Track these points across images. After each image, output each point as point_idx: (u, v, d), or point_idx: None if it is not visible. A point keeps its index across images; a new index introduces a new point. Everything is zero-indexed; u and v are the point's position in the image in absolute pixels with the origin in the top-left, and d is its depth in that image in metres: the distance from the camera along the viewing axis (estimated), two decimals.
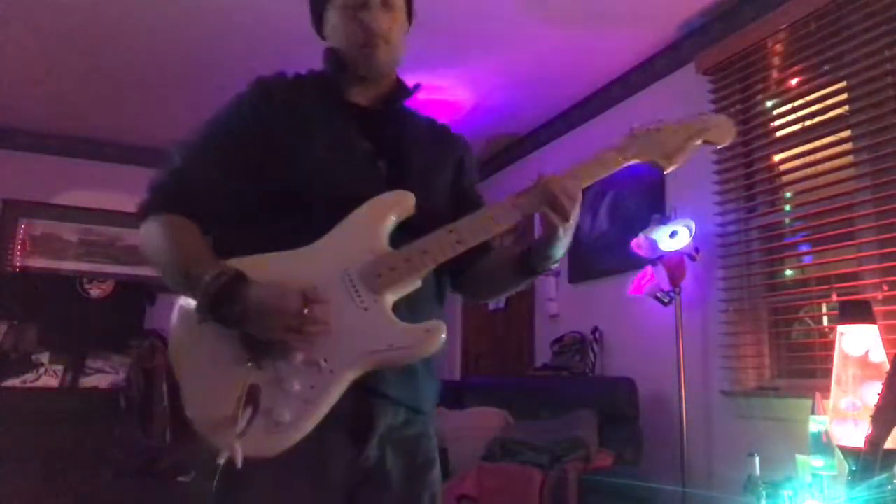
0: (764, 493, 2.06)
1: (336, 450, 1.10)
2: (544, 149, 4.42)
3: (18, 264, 4.56)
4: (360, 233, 1.12)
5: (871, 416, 1.62)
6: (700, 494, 2.76)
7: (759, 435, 2.60)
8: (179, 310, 1.11)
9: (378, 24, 1.19)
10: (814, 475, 2.04)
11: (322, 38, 1.29)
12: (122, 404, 3.94)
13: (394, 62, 1.26)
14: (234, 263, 1.06)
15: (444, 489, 1.29)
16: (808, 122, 2.66)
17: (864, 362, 1.99)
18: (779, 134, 2.81)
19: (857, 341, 2.01)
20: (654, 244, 2.94)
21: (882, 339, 2.02)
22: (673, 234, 2.90)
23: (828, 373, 2.13)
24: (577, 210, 1.14)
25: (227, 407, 0.99)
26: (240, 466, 0.97)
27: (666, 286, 2.97)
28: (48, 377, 3.94)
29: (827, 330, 2.57)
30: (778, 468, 2.25)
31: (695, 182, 2.98)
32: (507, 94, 3.82)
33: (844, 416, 1.97)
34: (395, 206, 1.14)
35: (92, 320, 4.28)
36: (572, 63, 3.52)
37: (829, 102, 2.58)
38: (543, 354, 4.03)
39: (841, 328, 2.06)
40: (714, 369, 2.93)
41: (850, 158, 2.50)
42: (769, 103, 2.85)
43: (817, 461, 2.05)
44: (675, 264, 2.91)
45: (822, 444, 2.05)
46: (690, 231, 2.88)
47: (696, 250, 2.91)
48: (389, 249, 1.11)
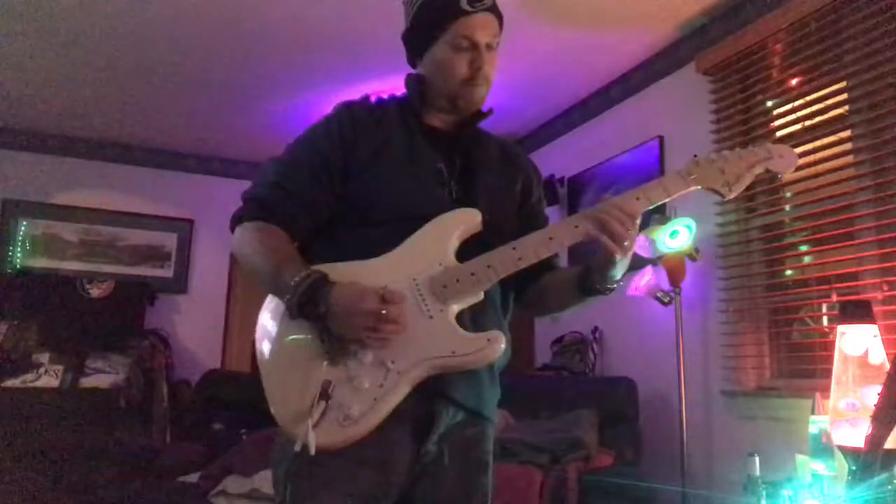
0: (764, 493, 2.06)
1: (399, 445, 1.18)
2: (544, 149, 4.42)
3: (18, 264, 4.56)
4: (430, 246, 1.21)
5: (872, 416, 1.62)
6: (700, 494, 2.76)
7: (759, 435, 2.61)
8: (266, 311, 1.22)
9: (485, 66, 1.29)
10: (814, 475, 2.04)
11: (412, 65, 1.37)
12: (122, 404, 3.94)
13: (486, 97, 1.35)
14: (317, 267, 1.16)
15: None
16: (808, 123, 2.66)
17: (863, 362, 1.99)
18: (779, 134, 2.80)
19: (856, 341, 2.01)
20: (653, 244, 2.94)
21: (882, 339, 2.02)
22: (673, 234, 2.90)
23: (828, 373, 2.13)
24: (635, 234, 1.19)
25: (303, 400, 1.09)
26: (312, 453, 1.06)
27: (666, 286, 2.97)
28: (48, 377, 3.94)
29: (827, 330, 2.57)
30: (778, 468, 2.25)
31: None
32: (507, 94, 3.83)
33: (844, 417, 1.97)
34: (462, 222, 1.23)
35: (92, 320, 4.28)
36: (572, 63, 3.52)
37: (829, 102, 2.58)
38: (543, 354, 4.03)
39: (841, 328, 2.06)
40: (714, 369, 2.93)
41: (850, 158, 2.50)
42: (769, 103, 2.85)
43: (817, 461, 2.05)
44: (675, 264, 2.91)
45: (821, 445, 2.05)
46: (690, 231, 2.88)
47: (696, 250, 2.91)
48: (456, 262, 1.19)
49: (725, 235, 2.93)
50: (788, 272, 2.81)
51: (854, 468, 1.70)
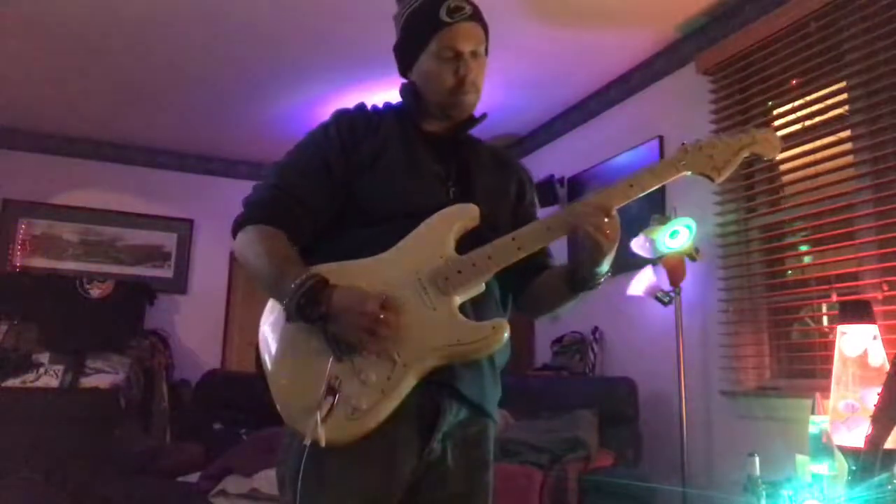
0: (764, 493, 2.06)
1: (404, 442, 1.20)
2: (544, 149, 4.42)
3: (18, 264, 4.56)
4: (430, 240, 1.23)
5: (871, 416, 1.62)
6: (700, 494, 2.76)
7: (759, 435, 2.60)
8: (270, 311, 1.24)
9: (470, 74, 1.31)
10: (813, 475, 2.04)
11: (403, 76, 1.40)
12: (122, 404, 3.94)
13: (477, 103, 1.38)
14: (319, 269, 1.18)
15: None
16: (808, 123, 2.66)
17: (863, 362, 1.99)
18: (779, 134, 2.80)
19: (856, 341, 2.01)
20: (653, 244, 2.94)
21: (882, 339, 2.02)
22: (673, 234, 2.90)
23: (828, 373, 2.13)
24: (611, 231, 1.19)
25: (311, 396, 1.10)
26: (323, 445, 1.07)
27: (666, 286, 2.97)
28: (48, 377, 3.94)
29: (827, 330, 2.57)
30: (778, 468, 2.25)
31: (695, 182, 2.96)
32: (507, 94, 3.83)
33: (844, 417, 1.96)
34: (461, 217, 1.25)
35: (92, 320, 4.28)
36: (572, 63, 3.52)
37: (829, 102, 2.58)
38: (543, 354, 4.03)
39: (841, 328, 2.06)
40: (714, 369, 2.93)
41: (850, 158, 2.50)
42: (769, 103, 2.85)
43: (817, 461, 2.05)
44: (675, 264, 2.91)
45: (821, 445, 2.05)
46: (690, 231, 2.88)
47: (696, 250, 2.91)
48: (456, 255, 1.21)
49: (725, 235, 2.93)
50: (788, 272, 2.81)
51: (854, 468, 1.70)
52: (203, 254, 4.96)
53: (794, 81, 2.74)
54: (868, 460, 1.61)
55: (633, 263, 3.15)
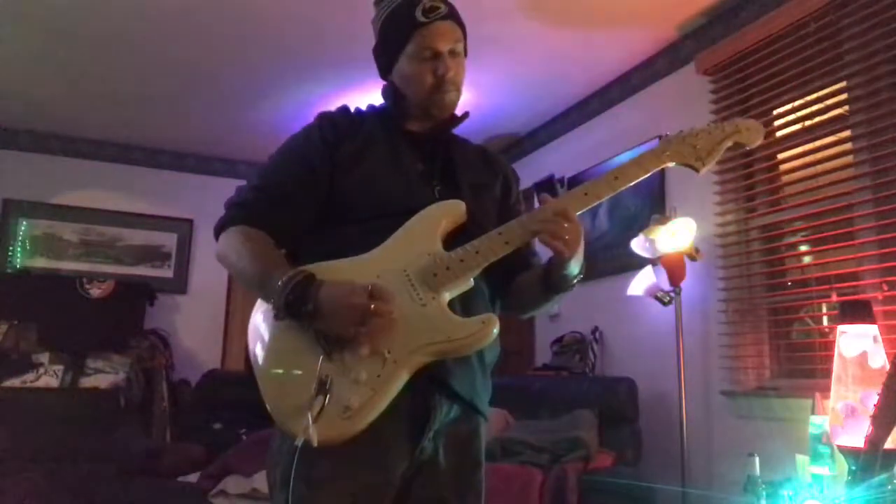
0: (764, 493, 2.06)
1: (395, 443, 1.19)
2: (544, 149, 4.42)
3: (18, 264, 4.56)
4: (417, 237, 1.23)
5: (871, 416, 1.62)
6: (700, 494, 2.76)
7: (759, 435, 2.60)
8: (258, 311, 1.23)
9: (449, 73, 1.31)
10: (813, 475, 2.04)
11: (384, 78, 1.41)
12: (122, 404, 3.94)
13: (458, 101, 1.38)
14: (306, 268, 1.17)
15: None
16: (808, 123, 2.66)
17: (863, 363, 1.99)
18: (779, 134, 2.81)
19: (856, 341, 2.01)
20: (653, 244, 2.94)
21: (882, 339, 2.02)
22: (673, 234, 2.90)
23: (828, 373, 2.13)
24: (571, 237, 1.18)
25: (301, 397, 1.09)
26: (315, 445, 1.06)
27: (666, 286, 2.97)
28: (48, 377, 3.94)
29: (827, 330, 2.57)
30: (778, 468, 2.25)
31: (695, 182, 2.97)
32: (507, 94, 3.83)
33: (842, 418, 1.96)
34: (448, 213, 1.26)
35: (92, 320, 4.28)
36: (572, 63, 3.52)
37: (829, 102, 2.58)
38: (543, 354, 4.03)
39: (841, 328, 2.06)
40: (714, 369, 2.93)
41: (850, 158, 2.50)
42: (769, 103, 2.85)
43: (817, 461, 2.05)
44: (675, 264, 2.91)
45: (821, 445, 2.05)
46: (690, 231, 2.88)
47: (696, 250, 2.91)
48: (444, 251, 1.21)
49: (725, 235, 2.93)
50: (788, 272, 2.81)
51: (854, 468, 1.70)
52: (203, 254, 4.95)
53: (793, 81, 2.73)
54: (868, 460, 1.61)
55: (633, 263, 3.15)
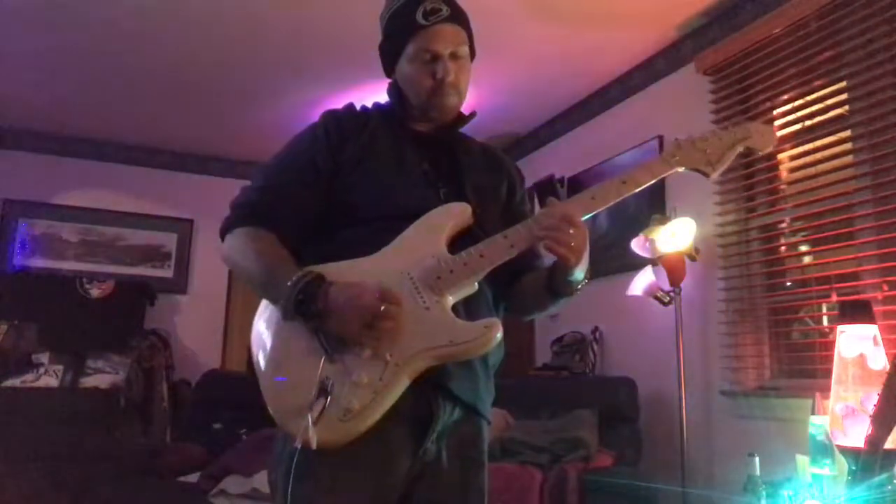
0: (764, 493, 2.06)
1: (398, 446, 1.18)
2: (544, 149, 4.42)
3: (18, 264, 4.56)
4: (422, 240, 1.22)
5: (871, 416, 1.62)
6: (700, 494, 2.76)
7: (759, 435, 2.60)
8: (261, 314, 1.22)
9: (450, 76, 1.29)
10: (814, 475, 2.04)
11: (388, 76, 1.39)
12: (122, 404, 3.94)
13: (461, 105, 1.37)
14: (312, 269, 1.17)
15: None
16: (808, 123, 2.66)
17: (863, 363, 1.98)
18: (779, 134, 2.80)
19: (856, 341, 2.01)
20: (653, 244, 2.94)
21: (882, 340, 2.02)
22: (673, 234, 2.90)
23: (828, 373, 2.13)
24: (576, 243, 1.18)
25: (302, 399, 1.08)
26: (314, 447, 1.05)
27: (666, 286, 2.97)
28: (48, 377, 3.94)
29: (827, 330, 2.57)
30: (778, 468, 2.25)
31: (695, 182, 2.95)
32: (508, 94, 3.82)
33: (841, 420, 1.96)
34: (454, 216, 1.25)
35: (92, 320, 4.28)
36: (572, 63, 3.52)
37: (829, 102, 2.58)
38: (543, 354, 4.03)
39: (841, 328, 2.06)
40: (714, 369, 2.93)
41: (850, 158, 2.50)
42: (769, 103, 2.85)
43: (817, 461, 2.05)
44: (675, 264, 2.91)
45: (821, 445, 2.05)
46: (690, 231, 2.88)
47: (696, 250, 2.91)
48: (449, 254, 1.20)
49: (725, 235, 2.93)
50: (788, 272, 2.81)
51: (854, 468, 1.70)
52: (203, 254, 4.95)
53: (793, 81, 2.73)
54: (868, 460, 1.61)
55: (633, 263, 3.15)
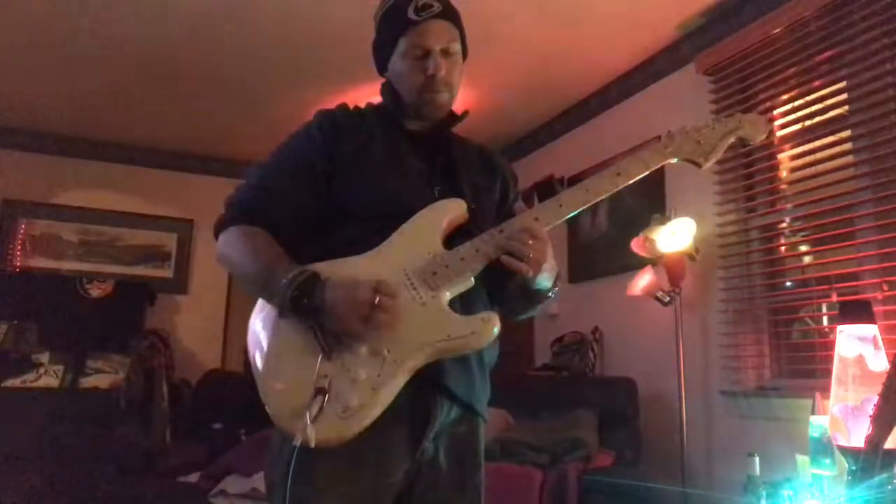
0: (764, 493, 2.06)
1: (396, 445, 1.18)
2: (544, 149, 4.42)
3: (18, 264, 4.56)
4: (418, 236, 1.22)
5: (871, 416, 1.62)
6: (700, 494, 2.76)
7: (759, 435, 2.61)
8: (258, 313, 1.23)
9: (441, 72, 1.29)
10: (814, 475, 2.04)
11: (381, 75, 1.41)
12: (122, 404, 3.94)
13: (452, 102, 1.37)
14: (307, 267, 1.17)
15: None
16: (808, 123, 2.66)
17: (863, 363, 1.98)
18: (779, 134, 2.81)
19: (856, 342, 2.01)
20: (654, 244, 2.94)
21: (882, 340, 2.02)
22: (673, 234, 2.90)
23: (828, 373, 2.13)
24: (535, 255, 1.17)
25: (300, 397, 1.08)
26: (312, 446, 1.05)
27: (666, 286, 2.97)
28: (48, 377, 3.94)
29: (827, 330, 2.57)
30: (778, 468, 2.25)
31: (695, 182, 2.98)
32: (508, 94, 3.83)
33: (840, 422, 1.96)
34: (448, 212, 1.25)
35: (92, 320, 4.28)
36: (572, 63, 3.52)
37: (829, 102, 2.58)
38: (543, 354, 4.03)
39: (841, 328, 2.06)
40: (714, 369, 2.93)
41: (850, 158, 2.50)
42: (769, 103, 2.85)
43: (817, 461, 2.05)
44: (675, 264, 2.91)
45: (821, 445, 2.05)
46: (690, 231, 2.88)
47: (696, 250, 2.91)
48: (444, 250, 1.21)
49: (725, 235, 2.93)
50: (788, 272, 2.81)
51: (854, 468, 1.70)
52: (203, 254, 4.95)
53: (793, 81, 2.74)
54: (868, 460, 1.61)
55: (633, 263, 3.15)
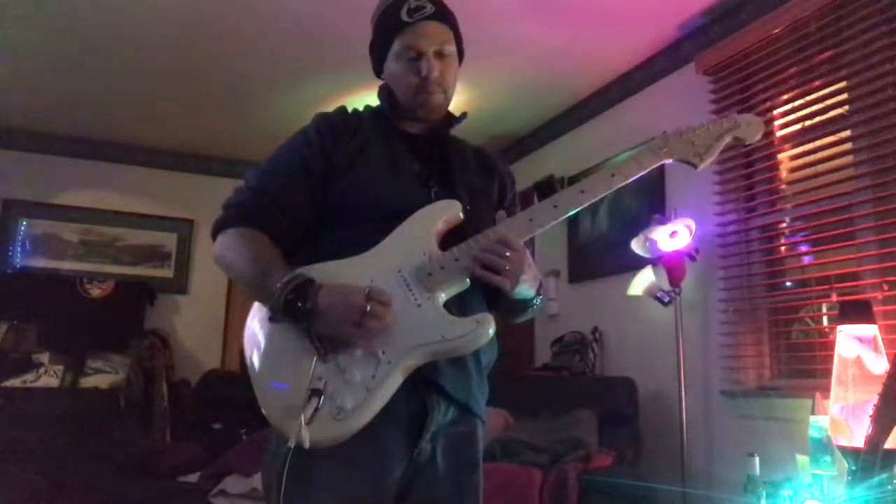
0: (764, 493, 2.06)
1: (393, 446, 1.18)
2: (544, 149, 4.42)
3: (18, 264, 4.56)
4: (413, 237, 1.22)
5: (871, 416, 1.62)
6: (700, 494, 2.76)
7: (759, 435, 2.60)
8: (254, 315, 1.22)
9: (434, 73, 1.30)
10: (814, 475, 2.04)
11: (378, 77, 1.42)
12: (122, 404, 3.94)
13: (447, 103, 1.37)
14: (300, 271, 1.17)
15: None
16: (807, 123, 2.66)
17: (863, 363, 1.98)
18: (779, 134, 2.81)
19: (856, 342, 2.01)
20: (654, 244, 2.94)
21: (882, 340, 2.02)
22: (673, 234, 2.90)
23: (828, 373, 2.13)
24: (511, 267, 1.17)
25: (295, 398, 1.08)
26: (307, 447, 1.05)
27: (666, 286, 2.97)
28: (48, 377, 3.94)
29: (827, 330, 2.57)
30: (778, 468, 2.25)
31: (695, 182, 2.98)
32: (507, 94, 3.83)
33: (840, 422, 1.96)
34: (444, 213, 1.25)
35: (92, 320, 4.28)
36: (572, 63, 3.52)
37: (829, 102, 2.58)
38: (543, 354, 4.03)
39: (841, 328, 2.06)
40: (714, 369, 2.93)
41: (850, 158, 2.50)
42: (769, 103, 2.85)
43: (817, 461, 2.05)
44: (675, 264, 2.91)
45: (821, 445, 2.05)
46: (690, 231, 2.88)
47: (696, 250, 2.91)
48: (440, 251, 1.20)
49: (725, 235, 2.93)
50: (788, 272, 2.81)
51: (854, 468, 1.70)
52: (203, 254, 4.95)
53: (793, 81, 2.74)
54: (868, 460, 1.61)
55: (633, 263, 3.15)
